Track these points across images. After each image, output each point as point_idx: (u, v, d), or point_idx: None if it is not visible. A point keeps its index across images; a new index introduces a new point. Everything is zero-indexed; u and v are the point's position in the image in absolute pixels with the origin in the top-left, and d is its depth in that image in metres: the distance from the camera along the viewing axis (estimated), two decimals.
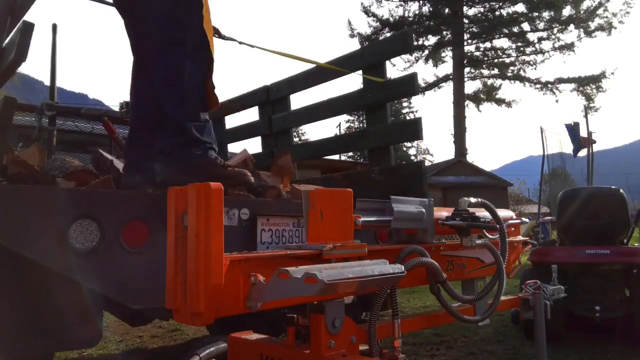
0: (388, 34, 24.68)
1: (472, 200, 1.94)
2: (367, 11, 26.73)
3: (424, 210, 1.85)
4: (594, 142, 8.88)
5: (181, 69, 2.15)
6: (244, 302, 1.24)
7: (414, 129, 3.13)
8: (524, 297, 2.33)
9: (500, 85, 27.37)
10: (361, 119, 35.92)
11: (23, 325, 2.10)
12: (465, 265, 2.09)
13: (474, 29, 26.62)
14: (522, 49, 26.29)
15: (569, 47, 25.05)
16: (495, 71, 27.18)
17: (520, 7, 25.24)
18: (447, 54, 27.05)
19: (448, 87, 27.39)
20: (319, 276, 1.09)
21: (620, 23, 24.33)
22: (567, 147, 9.46)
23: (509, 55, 26.72)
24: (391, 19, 26.56)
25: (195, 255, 1.17)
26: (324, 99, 3.78)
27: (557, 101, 25.81)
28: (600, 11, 24.21)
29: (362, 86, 3.48)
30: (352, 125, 41.16)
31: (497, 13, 25.85)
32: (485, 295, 1.95)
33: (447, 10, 25.92)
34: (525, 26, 25.60)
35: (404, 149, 40.52)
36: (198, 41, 2.19)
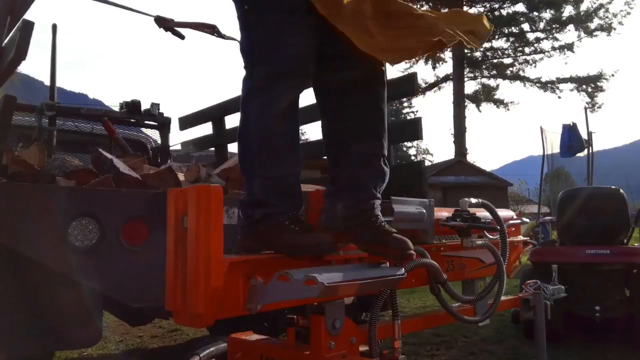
0: None
1: (473, 200, 1.93)
2: None
3: (424, 210, 1.84)
4: (588, 145, 8.88)
5: (245, 109, 1.58)
6: (243, 304, 1.24)
7: (414, 129, 3.12)
8: (524, 297, 2.33)
9: (498, 85, 27.34)
10: None
11: (23, 325, 2.10)
12: (466, 266, 2.08)
13: None
14: (521, 48, 26.27)
15: (569, 47, 25.04)
16: (495, 71, 27.16)
17: (520, 7, 25.23)
18: (447, 54, 27.04)
19: (448, 88, 27.36)
20: (319, 279, 1.09)
21: (620, 24, 24.31)
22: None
23: (508, 55, 26.70)
24: None
25: (195, 257, 1.17)
26: None
27: (559, 97, 25.77)
28: (600, 13, 24.20)
29: None
30: None
31: (497, 13, 25.82)
32: (485, 296, 1.94)
33: (446, 11, 25.90)
34: (526, 26, 25.59)
35: (404, 149, 40.48)
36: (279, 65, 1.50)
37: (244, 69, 1.59)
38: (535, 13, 24.81)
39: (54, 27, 4.16)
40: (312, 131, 12.44)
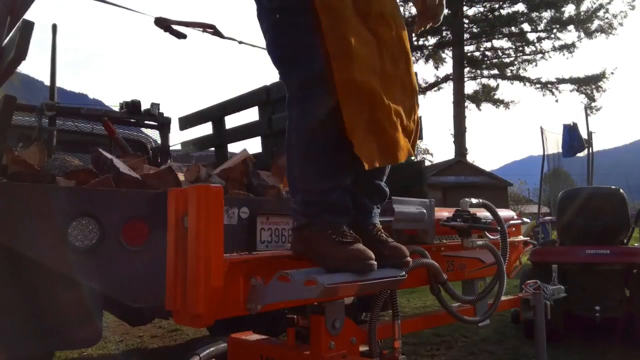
0: None
1: (474, 201, 1.93)
2: None
3: (424, 210, 1.85)
4: (588, 145, 8.90)
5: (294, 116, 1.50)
6: (243, 304, 1.24)
7: None
8: (524, 297, 2.33)
9: (498, 85, 27.33)
10: None
11: (23, 325, 2.10)
12: (466, 266, 2.08)
13: (474, 29, 26.60)
14: (521, 48, 26.28)
15: (569, 47, 25.04)
16: (495, 71, 27.16)
17: (521, 7, 25.23)
18: (447, 54, 27.03)
19: (448, 87, 27.35)
20: (319, 279, 1.09)
21: (620, 25, 24.31)
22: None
23: (508, 55, 26.70)
24: None
25: (195, 257, 1.17)
26: None
27: (557, 101, 25.76)
28: (600, 13, 24.20)
29: None
30: None
31: (497, 13, 25.82)
32: (485, 296, 1.94)
33: (447, 11, 25.89)
34: (526, 26, 25.59)
35: None
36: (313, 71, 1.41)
37: (281, 80, 1.52)
38: (536, 13, 24.81)
39: (54, 27, 4.16)
40: None
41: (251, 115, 4.31)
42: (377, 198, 1.63)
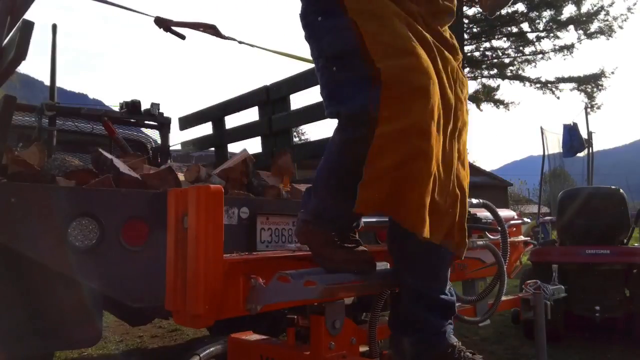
0: None
1: (474, 201, 1.93)
2: None
3: None
4: (588, 145, 8.91)
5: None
6: (243, 304, 1.24)
7: None
8: (524, 297, 2.33)
9: (499, 86, 27.29)
10: None
11: (23, 325, 2.10)
12: (466, 266, 2.08)
13: (473, 29, 26.58)
14: (521, 48, 26.25)
15: (569, 47, 25.01)
16: (495, 71, 27.13)
17: (521, 7, 25.21)
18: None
19: None
20: (318, 280, 1.09)
21: (620, 28, 24.27)
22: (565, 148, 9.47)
23: (508, 56, 26.66)
24: None
25: (195, 257, 1.17)
26: None
27: (558, 98, 25.68)
28: (601, 15, 24.15)
29: None
30: None
31: (497, 13, 25.79)
32: (486, 296, 1.94)
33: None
34: (525, 26, 25.56)
35: None
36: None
37: (327, 108, 1.47)
38: (535, 13, 24.78)
39: (54, 27, 4.16)
40: (312, 131, 12.49)
41: (251, 115, 4.31)
42: (441, 311, 1.46)
